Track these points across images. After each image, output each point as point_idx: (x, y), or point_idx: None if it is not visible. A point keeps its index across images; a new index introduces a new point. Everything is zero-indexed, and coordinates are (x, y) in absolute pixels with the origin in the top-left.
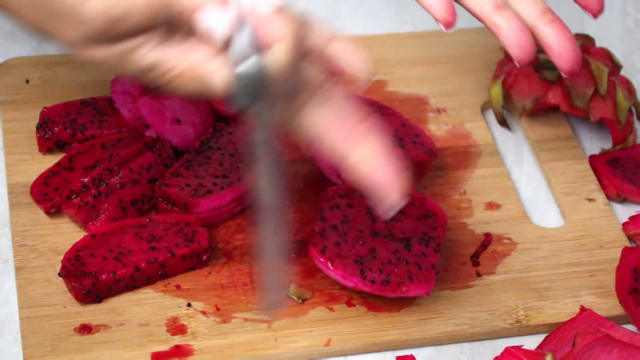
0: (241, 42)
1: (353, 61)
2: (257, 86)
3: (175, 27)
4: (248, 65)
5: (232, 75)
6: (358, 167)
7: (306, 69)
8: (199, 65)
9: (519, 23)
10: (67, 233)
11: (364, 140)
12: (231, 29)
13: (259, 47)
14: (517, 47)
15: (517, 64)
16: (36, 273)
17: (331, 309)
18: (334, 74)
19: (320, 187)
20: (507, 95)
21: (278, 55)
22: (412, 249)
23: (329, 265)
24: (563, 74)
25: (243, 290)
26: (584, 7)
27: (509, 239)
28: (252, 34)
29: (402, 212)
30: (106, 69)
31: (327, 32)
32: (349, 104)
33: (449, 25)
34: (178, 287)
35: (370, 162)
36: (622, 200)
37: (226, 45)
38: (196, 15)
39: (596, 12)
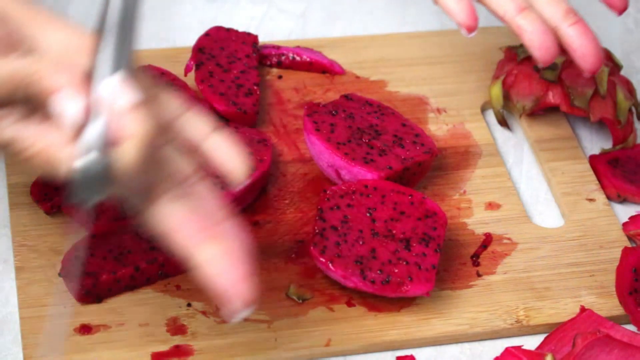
0: (91, 133)
1: (229, 160)
2: (96, 182)
3: (34, 106)
4: (88, 160)
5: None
6: (202, 269)
7: (172, 161)
8: (51, 150)
9: (542, 25)
10: (67, 233)
11: (213, 241)
12: (82, 118)
13: (108, 141)
14: (541, 49)
15: (540, 65)
16: (36, 273)
17: (331, 309)
18: (203, 170)
19: (320, 187)
20: (507, 95)
21: (125, 153)
22: (412, 249)
23: (329, 265)
24: (585, 74)
25: None
26: (609, 5)
27: (509, 239)
28: (103, 127)
29: (402, 212)
30: None
31: (207, 125)
32: (211, 202)
33: (471, 29)
34: (178, 287)
35: (214, 264)
36: (622, 200)
37: (78, 134)
38: (52, 98)
39: (621, 10)
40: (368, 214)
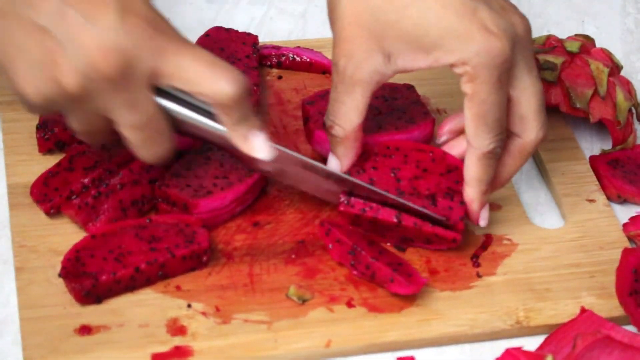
0: None
1: None
2: None
3: None
4: None
5: None
6: None
7: None
8: None
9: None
10: (67, 234)
11: None
12: None
13: None
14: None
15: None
16: (36, 274)
17: (331, 310)
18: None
19: None
20: None
21: None
22: (438, 204)
23: (329, 246)
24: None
25: (243, 291)
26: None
27: (509, 239)
28: None
29: (424, 169)
30: None
31: None
32: None
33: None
34: (178, 288)
35: None
36: (622, 201)
37: None
38: None
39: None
40: (392, 174)
